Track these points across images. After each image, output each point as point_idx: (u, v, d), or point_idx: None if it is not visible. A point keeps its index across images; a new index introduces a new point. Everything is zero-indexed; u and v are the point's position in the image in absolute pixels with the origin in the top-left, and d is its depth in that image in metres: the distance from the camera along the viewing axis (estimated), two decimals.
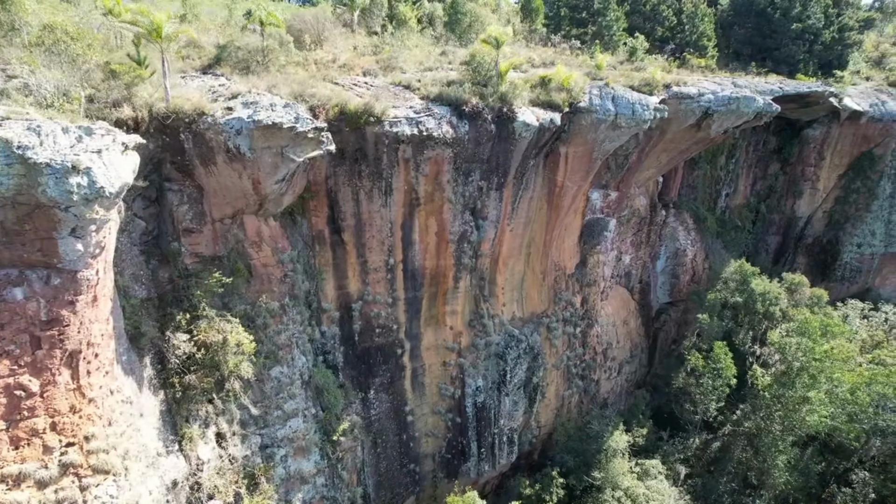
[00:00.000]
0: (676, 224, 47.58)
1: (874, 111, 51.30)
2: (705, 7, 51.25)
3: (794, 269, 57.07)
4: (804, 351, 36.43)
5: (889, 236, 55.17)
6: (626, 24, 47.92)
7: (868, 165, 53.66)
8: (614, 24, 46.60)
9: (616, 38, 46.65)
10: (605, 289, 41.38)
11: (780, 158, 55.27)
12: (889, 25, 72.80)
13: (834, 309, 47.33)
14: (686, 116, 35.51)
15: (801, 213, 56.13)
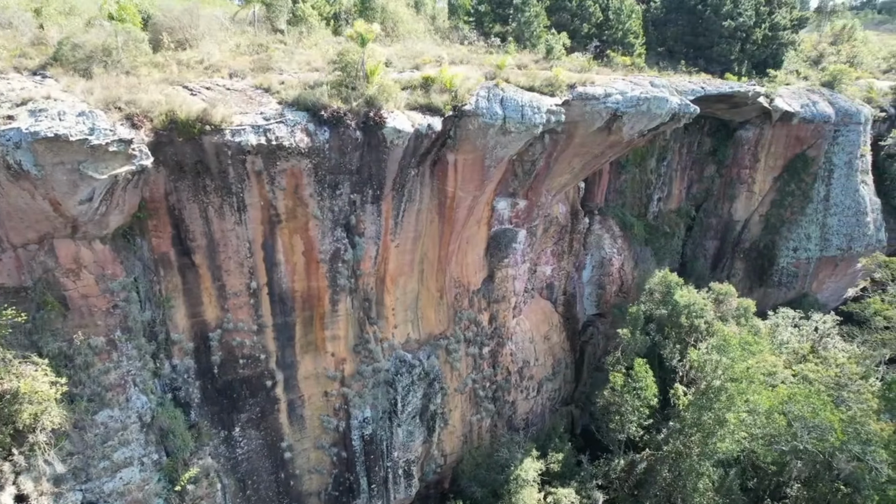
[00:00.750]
0: (602, 232, 45.16)
1: (805, 112, 49.53)
2: (633, 3, 48.91)
3: (731, 274, 55.40)
4: (723, 369, 34.16)
5: (824, 240, 53.55)
6: (546, 21, 45.32)
7: (801, 168, 51.93)
8: (534, 20, 43.92)
9: (536, 35, 44.01)
10: (519, 304, 38.68)
11: (716, 161, 53.30)
12: (828, 25, 71.62)
13: (764, 319, 45.42)
14: (593, 119, 32.92)
15: (739, 217, 54.27)
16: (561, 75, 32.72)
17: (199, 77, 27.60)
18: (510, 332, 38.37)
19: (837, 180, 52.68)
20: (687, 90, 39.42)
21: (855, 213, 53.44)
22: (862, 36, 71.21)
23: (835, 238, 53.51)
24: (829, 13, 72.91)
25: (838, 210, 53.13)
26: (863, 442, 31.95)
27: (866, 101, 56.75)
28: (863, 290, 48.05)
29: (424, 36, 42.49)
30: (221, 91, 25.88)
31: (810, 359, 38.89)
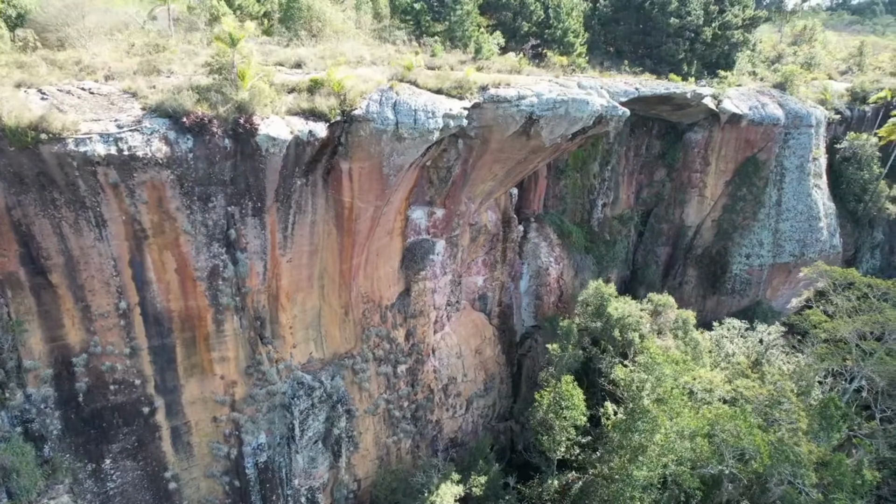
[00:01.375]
0: (539, 240, 43.27)
1: (753, 114, 47.84)
2: (575, 1, 47.05)
3: (684, 281, 53.69)
4: (650, 389, 32.29)
5: (777, 246, 51.87)
6: (479, 20, 43.41)
7: (752, 171, 50.22)
8: (466, 18, 41.97)
9: (468, 34, 42.08)
10: (441, 318, 36.71)
11: (666, 164, 51.52)
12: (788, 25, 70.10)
13: (706, 331, 43.63)
14: (507, 122, 30.97)
15: (691, 223, 52.53)
16: (472, 76, 30.78)
17: (67, 79, 25.48)
18: (431, 349, 36.38)
19: (789, 184, 51.02)
20: (619, 91, 37.57)
21: (807, 218, 51.80)
22: (822, 37, 69.75)
23: (787, 244, 51.85)
24: (789, 13, 71.29)
25: (790, 215, 51.47)
26: (793, 464, 30.19)
27: (820, 103, 55.16)
28: (807, 301, 46.27)
29: (356, 36, 40.55)
30: (81, 95, 23.77)
31: (749, 374, 37.07)
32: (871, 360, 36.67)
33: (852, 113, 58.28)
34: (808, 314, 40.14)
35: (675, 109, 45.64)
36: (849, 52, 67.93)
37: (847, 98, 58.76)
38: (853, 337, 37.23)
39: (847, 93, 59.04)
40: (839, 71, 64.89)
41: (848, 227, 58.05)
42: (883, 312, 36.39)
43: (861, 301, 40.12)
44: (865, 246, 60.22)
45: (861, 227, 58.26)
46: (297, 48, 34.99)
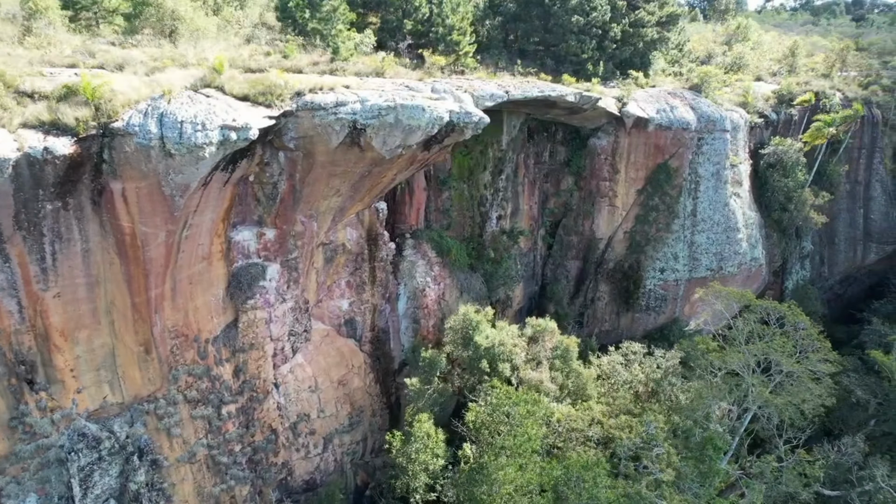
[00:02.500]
0: (416, 258, 39.52)
1: (661, 118, 44.35)
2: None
3: (597, 297, 50.23)
4: (501, 433, 28.62)
5: (693, 260, 48.46)
6: (350, 16, 39.58)
7: (664, 180, 46.72)
8: (332, 15, 38.13)
9: (335, 32, 38.24)
10: (283, 350, 32.85)
11: (573, 172, 47.95)
12: (720, 24, 66.77)
13: (601, 356, 40.12)
14: (327, 133, 27.21)
15: (601, 235, 48.98)
16: (285, 79, 26.92)
17: None
18: (272, 384, 32.53)
19: (705, 193, 47.60)
20: (485, 95, 33.92)
21: (725, 229, 48.42)
22: (756, 36, 66.46)
23: (704, 257, 48.46)
24: (723, 11, 67.97)
25: (707, 226, 48.07)
26: None
27: (742, 106, 51.82)
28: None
29: (217, 35, 36.76)
30: None
31: (633, 409, 33.56)
32: (758, 393, 33.25)
33: (778, 116, 54.98)
34: (697, 341, 36.68)
35: (570, 113, 42.05)
36: (782, 52, 64.62)
37: (773, 101, 55.44)
38: (744, 368, 33.80)
39: (773, 95, 55.72)
40: (770, 72, 61.59)
41: (774, 238, 54.79)
42: (771, 342, 32.97)
43: (763, 326, 36.76)
44: (794, 257, 57.03)
45: (788, 237, 55.02)
46: (133, 49, 31.21)
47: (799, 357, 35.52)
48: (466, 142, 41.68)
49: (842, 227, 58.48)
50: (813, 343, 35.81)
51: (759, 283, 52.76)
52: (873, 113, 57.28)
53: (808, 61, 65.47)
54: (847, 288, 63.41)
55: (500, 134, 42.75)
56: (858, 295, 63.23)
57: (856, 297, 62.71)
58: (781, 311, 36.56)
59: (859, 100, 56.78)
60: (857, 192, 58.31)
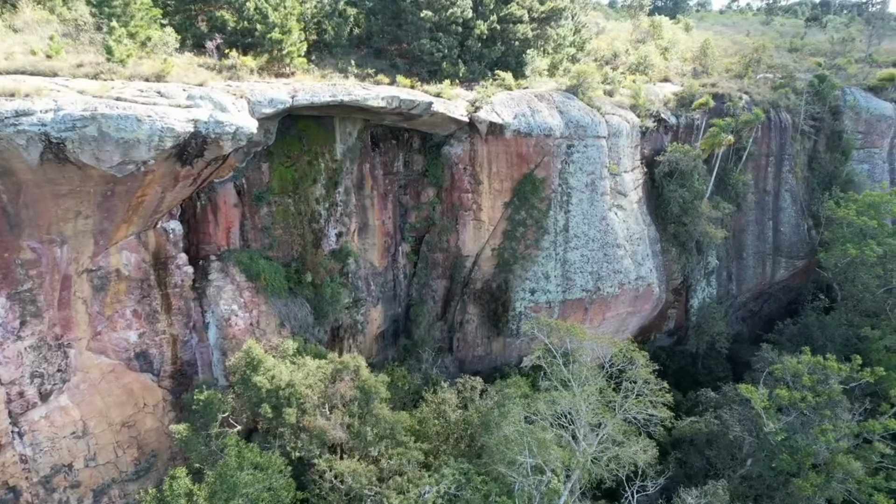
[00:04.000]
0: (224, 282, 34.99)
1: (519, 124, 39.94)
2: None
3: (465, 320, 45.74)
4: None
5: (567, 280, 43.99)
6: (154, 12, 35.23)
7: (531, 192, 42.28)
8: (131, 5, 33.82)
9: (134, 27, 33.90)
10: (23, 395, 28.25)
11: (434, 183, 43.49)
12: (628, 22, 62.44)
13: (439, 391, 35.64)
14: (15, 148, 22.71)
15: (468, 252, 44.50)
16: None
17: None
18: (11, 434, 27.99)
19: (577, 206, 43.16)
20: (263, 101, 29.44)
21: (601, 245, 43.97)
22: (670, 35, 62.03)
23: (578, 277, 43.99)
24: (637, 8, 63.65)
25: (580, 243, 43.62)
26: None
27: (632, 108, 47.47)
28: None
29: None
30: None
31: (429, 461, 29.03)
32: (583, 451, 28.78)
33: (678, 120, 50.58)
34: (510, 383, 32.21)
35: (405, 119, 37.58)
36: (692, 53, 60.24)
37: (673, 103, 51.05)
38: (546, 419, 29.36)
39: (674, 97, 51.34)
40: (680, 73, 57.18)
41: (673, 253, 50.35)
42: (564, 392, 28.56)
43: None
44: (698, 273, 52.55)
45: (688, 252, 50.53)
46: None
47: (636, 402, 31.17)
48: (288, 151, 37.34)
49: (750, 241, 54.03)
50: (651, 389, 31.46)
51: (651, 303, 48.27)
52: (782, 118, 52.89)
53: (725, 62, 61.12)
54: (763, 304, 58.97)
55: (333, 142, 38.24)
56: (777, 312, 58.80)
57: (774, 314, 58.25)
58: (621, 349, 32.07)
59: (766, 103, 52.44)
60: (766, 202, 53.87)
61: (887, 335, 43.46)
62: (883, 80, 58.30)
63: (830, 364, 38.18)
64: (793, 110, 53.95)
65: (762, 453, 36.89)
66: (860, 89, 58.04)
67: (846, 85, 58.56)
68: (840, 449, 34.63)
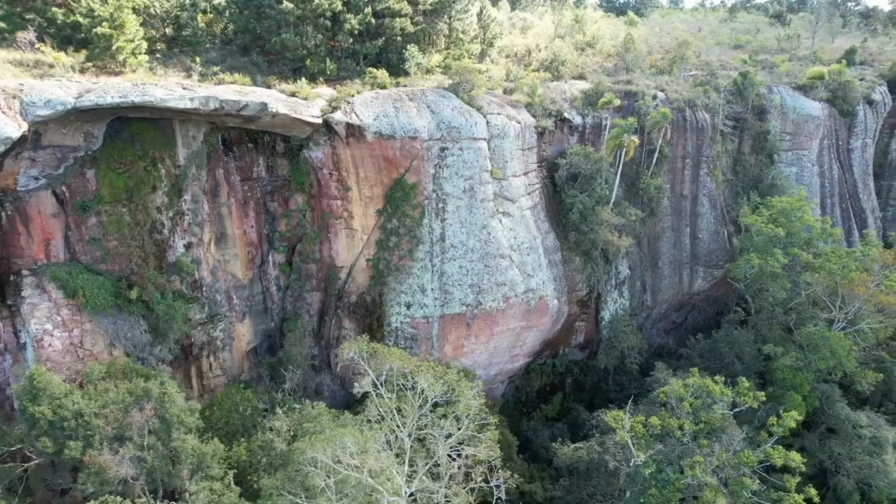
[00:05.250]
0: (40, 300, 32.13)
1: (380, 125, 36.89)
2: None
3: (341, 336, 42.61)
4: None
5: (445, 293, 40.84)
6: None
7: (402, 199, 39.21)
8: None
9: None
10: None
11: (301, 189, 40.49)
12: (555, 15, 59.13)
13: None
14: None
15: (342, 263, 41.48)
16: None
17: None
18: None
19: (454, 214, 40.02)
20: (39, 102, 26.53)
21: (482, 256, 40.77)
22: (594, 29, 58.66)
23: (457, 290, 40.83)
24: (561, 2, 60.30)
25: (458, 253, 40.46)
26: None
27: (527, 107, 44.34)
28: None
29: None
30: None
31: None
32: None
33: (584, 121, 47.35)
34: (307, 414, 29.10)
35: (246, 121, 34.59)
36: (615, 49, 56.88)
37: (580, 102, 47.80)
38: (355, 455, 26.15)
39: (582, 96, 48.08)
40: (599, 70, 53.80)
41: (577, 262, 47.06)
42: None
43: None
44: (609, 283, 49.20)
45: (593, 261, 47.21)
46: None
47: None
48: (119, 157, 34.23)
49: (665, 249, 50.63)
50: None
51: (548, 316, 44.99)
52: (699, 117, 49.50)
53: (652, 59, 57.83)
54: (687, 316, 55.52)
55: (174, 147, 35.16)
56: (703, 323, 55.36)
57: (701, 326, 54.80)
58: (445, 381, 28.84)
59: (681, 101, 49.10)
60: (683, 207, 50.46)
61: (790, 353, 40.05)
62: (813, 79, 54.84)
63: (714, 387, 34.91)
64: (712, 109, 50.58)
65: (635, 486, 33.68)
66: (789, 88, 54.59)
67: (775, 84, 55.17)
68: (710, 484, 31.34)
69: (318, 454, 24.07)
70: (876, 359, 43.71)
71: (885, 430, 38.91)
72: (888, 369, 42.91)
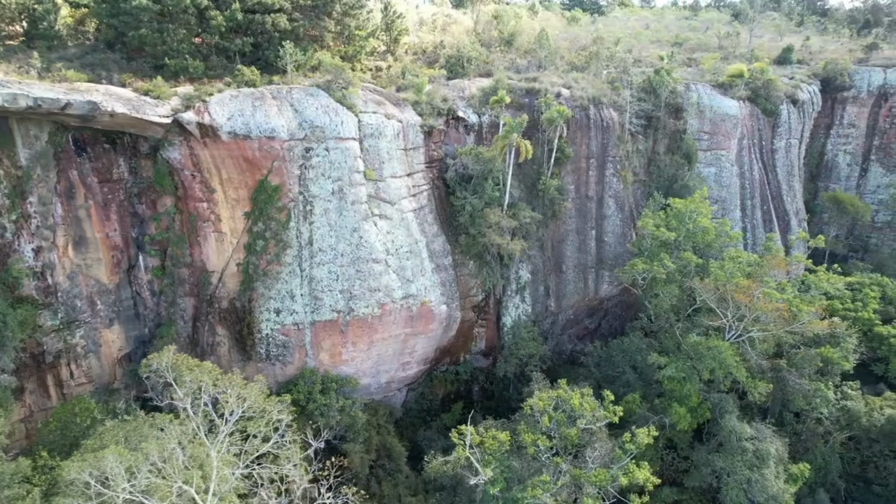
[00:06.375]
0: None
1: (234, 125, 35.46)
2: None
3: (216, 343, 41.25)
4: None
5: (315, 299, 39.36)
6: None
7: (267, 201, 37.79)
8: None
9: None
10: None
11: (168, 191, 39.08)
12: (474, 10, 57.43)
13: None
14: None
15: (213, 267, 40.06)
16: None
17: None
18: None
19: (322, 217, 38.53)
20: None
21: (353, 260, 39.26)
22: (514, 24, 56.82)
23: (327, 296, 39.34)
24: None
25: (327, 258, 38.96)
26: None
27: (413, 105, 42.82)
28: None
29: None
30: None
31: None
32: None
33: (481, 119, 45.72)
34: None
35: (85, 121, 33.19)
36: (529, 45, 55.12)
37: (478, 100, 46.17)
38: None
39: (480, 93, 46.44)
40: (510, 67, 52.11)
41: (471, 267, 45.52)
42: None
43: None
44: (508, 288, 47.53)
45: (488, 265, 45.61)
46: None
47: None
48: None
49: (570, 252, 48.85)
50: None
51: (437, 323, 43.41)
52: (604, 115, 47.75)
53: (570, 56, 56.11)
54: (601, 322, 53.68)
55: (12, 146, 33.89)
56: (620, 329, 53.44)
57: (616, 331, 52.93)
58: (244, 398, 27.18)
59: (585, 99, 47.36)
60: (588, 209, 48.69)
61: (675, 362, 38.27)
62: (733, 77, 52.94)
63: (575, 400, 33.23)
64: (621, 107, 48.81)
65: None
66: (707, 86, 52.73)
67: (695, 81, 53.33)
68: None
69: (76, 475, 22.62)
70: (773, 368, 41.86)
71: (768, 443, 37.03)
72: (784, 378, 41.03)
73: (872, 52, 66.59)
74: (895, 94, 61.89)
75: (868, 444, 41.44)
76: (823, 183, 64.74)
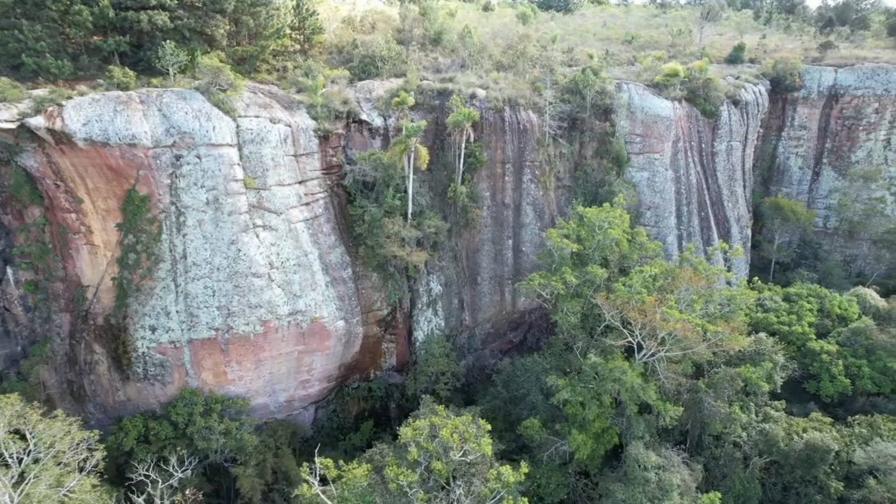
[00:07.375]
0: None
1: (90, 131, 32.94)
2: None
3: (94, 361, 38.95)
4: None
5: (191, 316, 36.85)
6: None
7: (135, 212, 35.32)
8: None
9: None
10: None
11: (33, 201, 36.61)
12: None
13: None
14: None
15: (88, 281, 37.72)
16: None
17: None
18: None
19: (196, 229, 36.01)
20: None
21: (231, 275, 36.75)
22: (441, 22, 53.91)
23: (203, 313, 36.86)
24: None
25: (203, 272, 36.47)
26: None
27: (309, 108, 40.20)
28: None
29: None
30: None
31: None
32: None
33: (387, 122, 43.05)
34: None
35: None
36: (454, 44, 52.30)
37: (383, 102, 43.47)
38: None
39: (386, 95, 43.75)
40: (429, 67, 49.42)
41: (374, 279, 42.90)
42: None
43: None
44: (419, 301, 44.91)
45: (391, 277, 43.00)
46: None
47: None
48: None
49: (485, 263, 46.18)
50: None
51: (333, 339, 40.88)
52: (520, 118, 44.98)
53: (496, 53, 53.32)
54: (525, 334, 50.91)
55: None
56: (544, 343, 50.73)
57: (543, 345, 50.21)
58: None
59: (499, 101, 44.62)
60: (505, 217, 45.97)
61: (569, 385, 35.55)
62: (668, 77, 49.97)
63: (444, 432, 30.58)
64: (542, 109, 46.03)
65: None
66: (640, 86, 49.80)
67: (627, 81, 50.45)
68: None
69: None
70: (691, 388, 39.10)
71: (672, 472, 34.31)
72: (701, 400, 38.26)
73: (827, 51, 63.49)
74: (846, 95, 58.79)
75: (789, 470, 38.61)
76: (776, 187, 61.74)
